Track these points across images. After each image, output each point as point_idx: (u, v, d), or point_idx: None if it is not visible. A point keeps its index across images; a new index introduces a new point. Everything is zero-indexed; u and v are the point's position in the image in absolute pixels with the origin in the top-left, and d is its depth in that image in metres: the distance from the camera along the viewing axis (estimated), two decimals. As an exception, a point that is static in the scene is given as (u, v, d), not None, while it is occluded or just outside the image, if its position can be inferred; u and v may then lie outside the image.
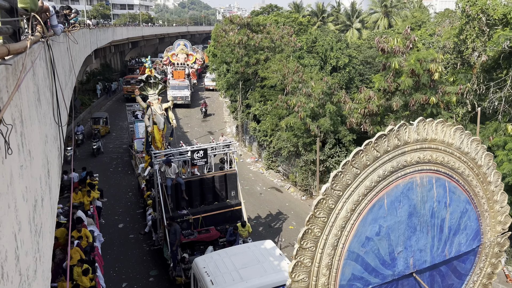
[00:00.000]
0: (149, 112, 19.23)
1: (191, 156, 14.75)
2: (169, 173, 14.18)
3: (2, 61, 2.33)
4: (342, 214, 5.72)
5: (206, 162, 15.23)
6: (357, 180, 5.78)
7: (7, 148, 1.91)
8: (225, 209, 14.90)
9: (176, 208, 14.45)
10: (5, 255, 1.81)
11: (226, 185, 15.35)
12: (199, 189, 15.09)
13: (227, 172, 15.41)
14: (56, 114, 4.85)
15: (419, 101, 14.90)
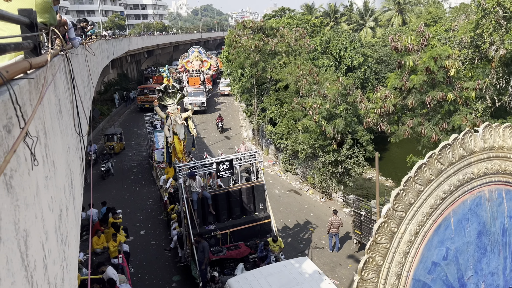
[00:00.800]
0: (168, 122, 18.79)
1: (216, 168, 14.01)
2: (194, 186, 13.58)
3: (24, 75, 2.39)
4: (406, 237, 5.17)
5: (232, 173, 14.51)
6: (421, 197, 5.24)
7: (33, 160, 1.96)
8: (253, 223, 14.16)
9: (203, 223, 13.82)
10: (34, 264, 1.86)
11: (254, 197, 14.57)
12: (226, 203, 14.32)
13: (254, 183, 14.64)
14: (76, 124, 4.95)
15: (435, 98, 14.66)
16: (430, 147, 16.42)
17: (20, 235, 1.67)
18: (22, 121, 1.77)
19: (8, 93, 1.66)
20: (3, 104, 1.60)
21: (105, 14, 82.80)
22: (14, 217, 1.60)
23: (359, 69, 30.72)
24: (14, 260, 1.54)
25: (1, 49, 2.05)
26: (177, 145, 18.91)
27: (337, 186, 20.88)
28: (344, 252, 15.99)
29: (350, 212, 18.40)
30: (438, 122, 15.05)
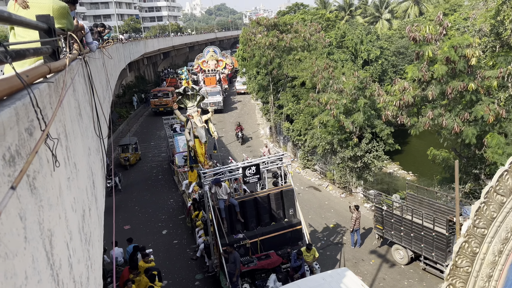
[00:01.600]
0: (189, 125, 18.30)
1: (242, 173, 13.35)
2: (220, 193, 12.99)
3: (44, 80, 2.44)
4: (488, 258, 4.60)
5: (259, 178, 13.80)
6: (503, 210, 4.63)
7: (55, 161, 2.00)
8: (284, 230, 13.38)
9: (231, 232, 13.15)
10: (59, 263, 1.90)
11: (283, 202, 13.86)
12: (254, 210, 13.64)
13: (283, 188, 13.96)
14: (96, 127, 5.04)
15: (456, 88, 14.35)
16: (451, 138, 16.12)
17: (45, 234, 1.72)
18: (43, 124, 1.81)
19: (29, 97, 1.70)
20: (24, 108, 1.64)
21: (121, 18, 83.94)
22: (38, 217, 1.64)
23: (376, 62, 30.33)
24: (40, 259, 1.58)
25: (21, 55, 2.10)
26: (198, 148, 18.49)
27: (357, 181, 20.68)
28: (366, 248, 15.85)
29: (371, 207, 18.21)
30: (460, 113, 14.74)
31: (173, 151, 23.45)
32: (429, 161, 18.46)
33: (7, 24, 1.96)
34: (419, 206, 14.65)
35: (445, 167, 17.53)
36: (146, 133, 35.89)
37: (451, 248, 12.97)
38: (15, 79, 1.71)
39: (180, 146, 22.84)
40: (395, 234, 14.63)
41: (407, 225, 14.12)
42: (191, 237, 17.05)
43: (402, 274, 14.18)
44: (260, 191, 14.31)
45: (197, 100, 18.66)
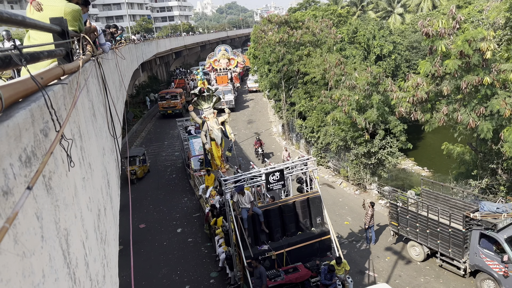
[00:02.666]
0: (205, 127, 17.75)
1: (265, 179, 12.51)
2: (242, 202, 12.21)
3: (58, 81, 2.47)
4: None
5: (284, 185, 13.02)
6: None
7: (70, 161, 2.03)
8: (311, 240, 12.53)
9: (255, 243, 12.30)
10: (75, 262, 1.93)
11: (310, 210, 12.97)
12: (279, 219, 12.73)
13: (309, 195, 13.07)
14: (110, 127, 5.10)
15: (471, 82, 14.11)
16: (467, 133, 15.86)
17: (61, 233, 1.75)
18: (57, 125, 1.84)
19: (44, 99, 1.73)
20: (39, 109, 1.67)
21: (133, 19, 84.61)
22: (54, 217, 1.67)
23: (389, 57, 30.02)
24: (57, 258, 1.61)
25: (36, 57, 2.13)
26: (215, 151, 17.96)
27: (371, 178, 20.52)
28: (381, 245, 15.73)
29: (386, 204, 18.06)
30: (475, 108, 14.50)
31: (189, 155, 22.61)
32: (444, 157, 18.22)
33: (22, 27, 2.00)
34: (434, 202, 14.47)
35: (460, 162, 17.28)
36: (160, 132, 36.18)
37: (468, 245, 12.81)
38: (30, 81, 1.75)
39: (195, 149, 22.14)
40: (411, 231, 14.49)
41: (423, 221, 13.97)
42: (206, 236, 17.15)
43: (418, 271, 14.04)
44: (285, 199, 13.47)
45: (213, 101, 18.16)
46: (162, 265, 15.44)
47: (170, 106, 39.07)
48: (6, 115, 1.36)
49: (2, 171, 1.16)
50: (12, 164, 1.25)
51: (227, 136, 18.16)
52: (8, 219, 0.96)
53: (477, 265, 12.57)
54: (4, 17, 1.55)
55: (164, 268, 15.23)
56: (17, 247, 1.16)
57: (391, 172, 21.52)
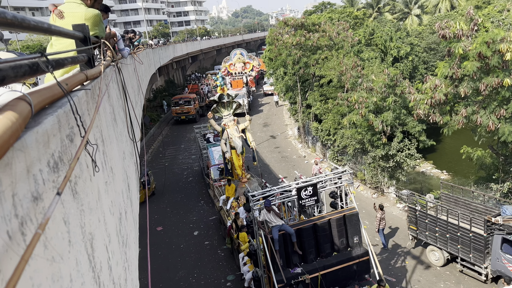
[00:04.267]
0: (225, 135, 17.02)
1: (297, 195, 11.57)
2: (272, 219, 11.09)
3: (82, 87, 2.51)
4: None
5: (317, 201, 11.97)
6: None
7: (95, 166, 2.06)
8: (348, 262, 11.55)
9: (287, 265, 11.34)
10: (100, 266, 1.96)
11: (346, 229, 11.93)
12: (313, 238, 11.68)
13: (346, 212, 12.05)
14: (130, 131, 5.16)
15: (491, 84, 13.83)
16: (487, 136, 15.55)
17: (86, 238, 1.77)
18: (82, 130, 1.87)
19: (69, 104, 1.76)
20: (65, 115, 1.69)
21: (150, 24, 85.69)
22: (80, 221, 1.70)
23: (406, 59, 29.69)
24: (83, 262, 1.63)
25: (61, 64, 2.17)
26: (235, 160, 17.23)
27: (389, 181, 20.27)
28: (400, 249, 15.51)
29: (404, 208, 17.81)
30: (495, 110, 14.20)
31: (208, 163, 21.67)
32: (464, 159, 17.90)
33: (48, 34, 2.04)
34: (454, 206, 14.21)
35: (481, 165, 16.94)
36: (176, 136, 36.48)
37: (489, 250, 12.53)
38: (56, 87, 1.78)
39: (215, 158, 21.21)
40: (430, 235, 14.25)
41: (442, 225, 13.72)
42: (222, 238, 17.19)
43: (438, 276, 13.79)
44: (319, 216, 12.35)
45: (233, 108, 17.47)
46: (179, 267, 15.52)
47: (183, 112, 38.74)
48: (34, 121, 1.39)
49: (32, 176, 1.18)
50: (41, 169, 1.27)
51: (248, 144, 17.37)
52: (40, 225, 0.97)
53: (499, 271, 12.28)
54: (31, 25, 1.58)
55: (181, 270, 15.31)
56: (46, 252, 1.18)
57: (410, 175, 21.22)
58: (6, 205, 0.96)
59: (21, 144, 1.11)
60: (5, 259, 0.90)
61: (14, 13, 1.34)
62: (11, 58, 1.37)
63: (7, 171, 1.00)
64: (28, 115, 1.21)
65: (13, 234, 0.97)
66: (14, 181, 1.03)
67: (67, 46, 3.78)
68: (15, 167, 1.05)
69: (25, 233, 1.04)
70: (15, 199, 1.02)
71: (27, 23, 1.48)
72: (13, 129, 1.00)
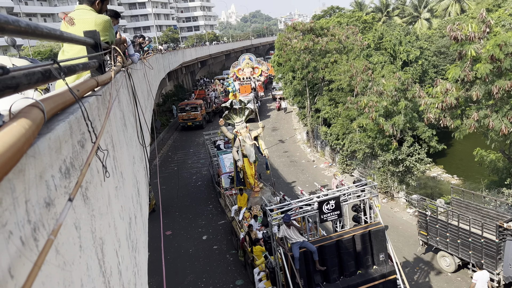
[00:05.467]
0: (237, 143, 16.42)
1: (318, 208, 10.87)
2: (292, 235, 10.36)
3: (93, 93, 2.54)
4: None
5: (340, 215, 11.20)
6: None
7: (105, 172, 2.08)
8: (374, 281, 10.90)
9: (308, 285, 10.70)
10: (110, 271, 1.97)
11: (372, 245, 11.22)
12: (336, 256, 10.94)
13: (371, 227, 11.29)
14: (140, 136, 5.19)
15: (503, 87, 13.69)
16: (499, 140, 15.37)
17: (97, 243, 1.78)
18: (93, 136, 1.89)
19: (80, 110, 1.78)
20: (77, 121, 1.71)
21: (160, 29, 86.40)
22: (91, 226, 1.71)
23: (415, 63, 29.52)
24: (93, 267, 1.64)
25: (72, 70, 2.20)
26: (247, 169, 16.59)
27: (399, 186, 20.11)
28: (410, 254, 15.35)
29: (415, 213, 17.64)
30: (508, 113, 14.04)
31: (219, 172, 20.94)
32: (475, 164, 17.70)
33: (60, 41, 2.07)
34: (465, 211, 14.04)
35: (493, 169, 16.73)
36: (186, 140, 36.64)
37: (501, 256, 12.34)
38: (68, 93, 1.80)
39: (226, 165, 20.58)
40: (441, 241, 14.08)
41: (453, 231, 13.56)
42: (231, 243, 17.17)
43: (449, 282, 13.61)
44: (342, 232, 11.59)
45: (245, 115, 16.88)
46: (188, 272, 15.54)
47: (190, 118, 38.33)
48: (47, 127, 1.41)
49: (44, 182, 1.19)
50: (53, 175, 1.28)
51: (261, 152, 16.69)
52: (53, 231, 0.98)
53: (511, 277, 12.08)
54: (44, 33, 1.61)
55: (190, 275, 15.32)
56: (58, 257, 1.19)
57: (420, 180, 21.03)
58: (20, 211, 0.97)
59: (34, 151, 1.13)
60: (18, 264, 0.91)
61: (27, 21, 1.36)
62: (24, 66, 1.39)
63: (21, 177, 1.01)
64: (41, 122, 1.22)
65: (26, 240, 0.98)
66: (27, 187, 1.04)
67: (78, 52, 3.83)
68: (28, 173, 1.06)
69: (37, 239, 1.05)
70: (28, 205, 1.03)
71: (40, 31, 1.51)
72: (26, 136, 1.01)
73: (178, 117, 39.68)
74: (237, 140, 16.40)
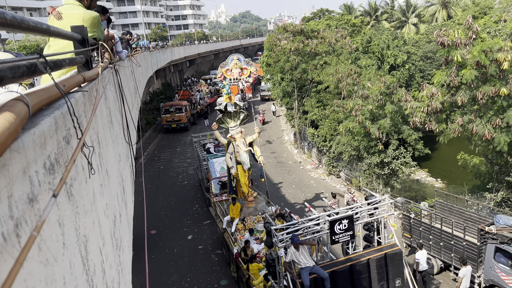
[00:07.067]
0: (230, 149, 15.34)
1: (329, 229, 9.95)
2: (300, 259, 9.32)
3: (79, 89, 2.51)
4: None
5: (353, 236, 10.30)
6: None
7: (90, 169, 2.05)
8: None
9: None
10: (93, 269, 1.94)
11: (387, 270, 10.28)
12: (349, 282, 9.98)
13: (387, 250, 10.41)
14: (126, 134, 5.15)
15: (487, 93, 13.96)
16: (482, 145, 15.64)
17: (81, 240, 1.76)
18: (79, 132, 1.86)
19: (66, 106, 1.75)
20: (62, 117, 1.69)
21: (148, 27, 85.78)
22: (75, 223, 1.69)
23: (403, 67, 29.88)
24: (77, 265, 1.62)
25: (59, 65, 2.17)
26: (241, 177, 15.56)
27: (384, 188, 20.32)
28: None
29: (399, 215, 17.84)
30: (491, 119, 14.31)
31: (208, 176, 19.74)
32: (459, 168, 17.98)
33: (46, 35, 2.04)
34: (448, 215, 14.26)
35: (476, 174, 17.02)
36: (172, 138, 36.43)
37: (482, 259, 12.56)
38: (54, 88, 1.77)
39: (216, 170, 19.47)
40: (424, 243, 14.27)
41: (436, 234, 13.76)
42: (216, 242, 17.11)
43: (431, 284, 13.79)
44: (356, 255, 10.53)
45: (240, 119, 15.85)
46: (172, 271, 15.44)
47: (174, 120, 37.20)
48: (31, 122, 1.38)
49: (28, 178, 1.17)
50: (37, 171, 1.26)
51: (256, 159, 15.59)
52: (35, 228, 0.97)
53: (492, 280, 12.30)
54: (31, 26, 1.58)
55: (174, 275, 15.23)
56: (41, 254, 1.17)
57: (404, 183, 21.28)
58: (2, 206, 0.95)
59: (18, 145, 1.11)
60: (-1, 261, 0.89)
61: (13, 13, 1.33)
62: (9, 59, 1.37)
63: (4, 172, 0.99)
64: (25, 116, 1.20)
65: (8, 236, 0.96)
66: (10, 182, 1.02)
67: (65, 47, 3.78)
68: (12, 168, 1.04)
69: (20, 235, 1.03)
70: (11, 200, 1.02)
71: (26, 24, 1.48)
72: (10, 130, 0.99)
73: (162, 118, 38.16)
74: (231, 145, 15.36)
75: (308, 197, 21.36)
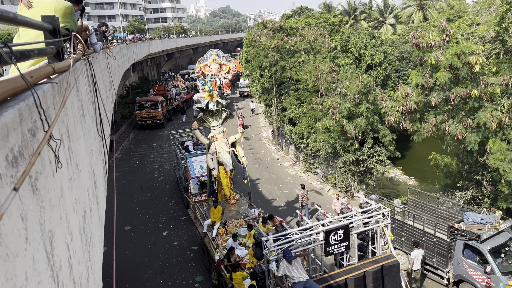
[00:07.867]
0: (212, 149, 14.55)
1: (324, 239, 9.51)
2: (294, 274, 8.74)
3: (48, 80, 2.44)
4: None
5: (348, 247, 9.91)
6: None
7: (57, 162, 2.01)
8: None
9: None
10: (59, 264, 1.90)
11: (384, 283, 9.83)
12: None
13: (384, 262, 9.96)
14: (99, 128, 5.05)
15: (459, 95, 14.35)
16: (454, 145, 16.07)
17: (46, 235, 1.72)
18: (46, 125, 1.82)
19: (33, 98, 1.70)
20: (28, 108, 1.64)
21: (126, 19, 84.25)
22: (39, 218, 1.65)
23: (379, 66, 30.37)
24: (40, 260, 1.58)
25: (26, 55, 2.11)
26: (223, 179, 14.93)
27: (359, 186, 20.65)
28: (367, 252, 15.78)
29: (373, 212, 18.17)
30: (463, 119, 14.72)
31: (187, 176, 19.01)
32: (432, 167, 18.43)
33: (13, 24, 1.97)
34: (420, 212, 14.61)
35: (447, 173, 17.49)
36: (148, 133, 35.98)
37: (452, 255, 12.94)
38: (19, 79, 1.72)
39: (195, 169, 18.77)
40: (396, 239, 14.59)
41: (409, 230, 14.08)
42: (192, 238, 17.04)
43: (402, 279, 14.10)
44: (351, 267, 9.96)
45: (223, 118, 15.15)
46: (147, 267, 15.29)
47: (150, 116, 36.17)
48: (-7, 113, 1.34)
49: (-13, 171, 1.14)
50: (-2, 164, 1.23)
51: (238, 160, 14.96)
52: (-8, 221, 0.94)
53: (460, 275, 12.69)
54: (-5, 14, 1.53)
55: (149, 271, 15.08)
56: (0, 249, 1.14)
57: (379, 181, 21.68)
58: (-44, 200, 0.92)
59: (-24, 137, 1.07)
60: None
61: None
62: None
63: (-41, 164, 0.96)
64: (-15, 107, 1.16)
65: (-38, 230, 0.93)
66: (-33, 175, 0.99)
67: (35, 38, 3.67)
68: (-32, 161, 1.01)
69: (-24, 229, 1.00)
70: (-33, 193, 0.98)
71: (-10, 11, 1.43)
72: (-33, 120, 0.96)
73: (136, 114, 36.74)
74: (213, 146, 14.59)
75: (285, 193, 21.51)
